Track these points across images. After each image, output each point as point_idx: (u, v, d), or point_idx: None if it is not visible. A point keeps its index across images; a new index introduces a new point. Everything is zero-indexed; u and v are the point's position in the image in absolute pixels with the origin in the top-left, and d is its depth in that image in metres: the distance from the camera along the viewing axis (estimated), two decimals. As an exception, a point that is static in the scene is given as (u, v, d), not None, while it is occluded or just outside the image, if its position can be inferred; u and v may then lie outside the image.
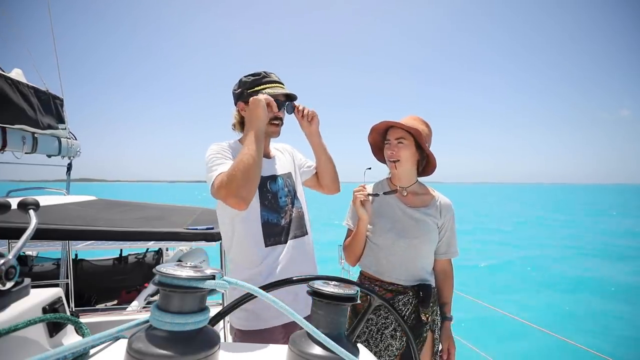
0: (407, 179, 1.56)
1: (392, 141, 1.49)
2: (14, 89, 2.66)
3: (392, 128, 1.50)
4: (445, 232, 1.54)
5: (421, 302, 1.43)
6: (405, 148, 1.46)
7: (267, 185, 1.38)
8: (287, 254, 1.37)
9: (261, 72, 1.38)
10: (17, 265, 0.63)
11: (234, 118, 1.48)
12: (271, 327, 1.31)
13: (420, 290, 1.44)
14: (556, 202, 51.69)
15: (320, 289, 0.55)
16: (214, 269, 0.47)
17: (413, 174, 1.56)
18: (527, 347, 5.85)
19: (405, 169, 1.52)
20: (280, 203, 1.39)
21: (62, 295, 0.73)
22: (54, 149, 3.28)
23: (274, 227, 1.36)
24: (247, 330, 1.30)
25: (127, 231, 1.78)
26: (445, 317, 1.54)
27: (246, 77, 1.38)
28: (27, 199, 0.85)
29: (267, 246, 1.34)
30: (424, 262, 1.51)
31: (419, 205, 1.53)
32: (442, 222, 1.53)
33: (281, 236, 1.37)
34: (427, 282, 1.49)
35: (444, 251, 1.55)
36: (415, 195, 1.56)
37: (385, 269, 1.49)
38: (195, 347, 0.43)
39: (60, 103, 3.39)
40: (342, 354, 0.48)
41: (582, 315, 7.52)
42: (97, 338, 0.51)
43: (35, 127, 2.89)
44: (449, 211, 1.55)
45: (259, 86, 1.35)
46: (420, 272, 1.50)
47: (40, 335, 0.61)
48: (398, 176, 1.56)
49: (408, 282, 1.47)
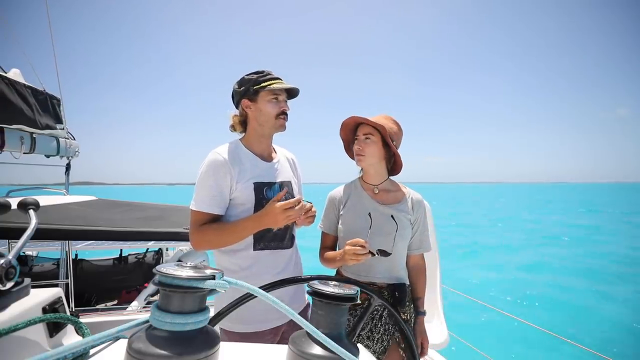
0: (377, 177, 1.57)
1: (359, 137, 1.51)
2: (11, 89, 2.66)
3: (362, 124, 1.52)
4: (418, 227, 1.55)
5: (398, 302, 1.44)
6: (372, 144, 1.48)
7: (264, 192, 1.37)
8: (277, 261, 1.38)
9: (263, 70, 1.40)
10: (17, 265, 0.63)
11: (231, 120, 1.48)
12: (260, 331, 1.32)
13: (396, 290, 1.45)
14: (546, 201, 51.77)
15: (320, 289, 0.55)
16: (214, 269, 0.47)
17: (383, 171, 1.57)
18: (527, 347, 5.85)
19: (372, 166, 1.53)
20: None
21: (62, 295, 0.73)
22: (53, 149, 3.26)
23: (265, 232, 1.36)
24: (233, 332, 1.31)
25: (127, 231, 1.78)
26: (419, 311, 1.55)
27: (249, 75, 1.39)
28: (27, 199, 0.85)
29: (255, 250, 1.34)
30: (399, 259, 1.52)
31: (391, 202, 1.53)
32: (415, 218, 1.54)
33: (271, 242, 1.38)
34: (402, 279, 1.51)
35: (417, 246, 1.57)
36: (387, 193, 1.56)
37: (363, 269, 1.48)
38: (196, 347, 0.43)
39: (57, 103, 3.37)
40: (342, 354, 0.48)
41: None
42: (97, 338, 0.51)
43: (34, 127, 2.88)
44: (420, 206, 1.56)
45: (264, 82, 1.36)
46: (397, 270, 1.51)
47: (40, 335, 0.61)
48: (368, 173, 1.57)
49: (385, 280, 1.48)
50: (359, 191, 1.58)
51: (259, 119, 1.40)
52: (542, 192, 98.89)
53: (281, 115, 1.39)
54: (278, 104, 1.38)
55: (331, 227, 1.59)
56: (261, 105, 1.38)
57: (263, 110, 1.38)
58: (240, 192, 1.33)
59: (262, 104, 1.38)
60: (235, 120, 1.47)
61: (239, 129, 1.48)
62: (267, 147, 1.48)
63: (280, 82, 1.39)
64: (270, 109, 1.37)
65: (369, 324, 1.46)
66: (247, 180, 1.34)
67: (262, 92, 1.37)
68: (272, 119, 1.38)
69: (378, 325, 1.46)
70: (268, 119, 1.38)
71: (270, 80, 1.37)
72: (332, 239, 1.60)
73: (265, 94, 1.37)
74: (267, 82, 1.37)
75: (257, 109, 1.39)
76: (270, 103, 1.37)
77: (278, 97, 1.38)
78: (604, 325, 6.93)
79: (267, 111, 1.37)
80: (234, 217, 1.34)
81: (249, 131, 1.44)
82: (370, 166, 1.54)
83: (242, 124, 1.46)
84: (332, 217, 1.59)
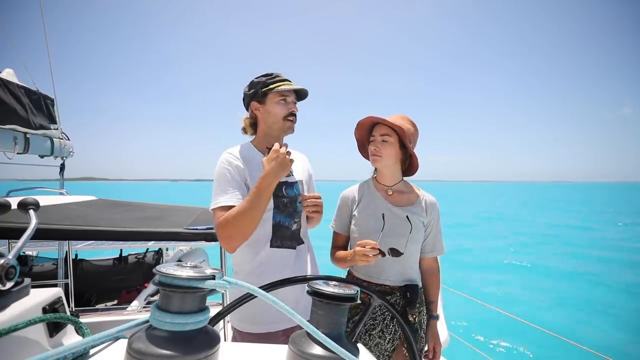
0: (392, 178, 1.55)
1: (376, 137, 1.47)
2: (4, 89, 2.65)
3: (378, 125, 1.49)
4: (431, 230, 1.53)
5: (409, 303, 1.42)
6: (389, 146, 1.45)
7: (283, 190, 1.38)
8: (292, 259, 1.38)
9: (272, 72, 1.40)
10: (17, 265, 0.63)
11: (243, 122, 1.48)
12: (273, 332, 1.31)
13: (408, 291, 1.43)
14: (547, 201, 51.78)
15: (320, 289, 0.55)
16: (214, 269, 0.47)
17: (397, 172, 1.55)
18: (527, 347, 5.85)
19: (388, 167, 1.51)
20: (297, 208, 1.41)
21: (62, 295, 0.73)
22: (47, 149, 3.24)
23: (284, 229, 1.37)
24: (247, 332, 1.30)
25: (127, 231, 1.78)
26: (432, 315, 1.53)
27: (257, 78, 1.40)
28: (27, 199, 0.85)
29: (272, 247, 1.34)
30: (412, 261, 1.50)
31: (405, 204, 1.51)
32: (428, 220, 1.52)
33: (289, 240, 1.38)
34: (414, 282, 1.49)
35: (430, 249, 1.55)
36: (400, 194, 1.54)
37: (375, 271, 1.47)
38: (196, 347, 0.43)
39: (51, 103, 3.36)
40: (342, 354, 0.48)
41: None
42: (97, 338, 0.51)
43: (27, 127, 2.87)
44: (434, 209, 1.54)
45: (272, 84, 1.36)
46: (409, 272, 1.49)
47: (40, 335, 0.61)
48: (383, 174, 1.55)
49: (397, 282, 1.47)
50: (372, 192, 1.55)
51: (267, 121, 1.40)
52: (542, 192, 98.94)
53: (289, 117, 1.39)
54: (286, 105, 1.38)
55: (343, 227, 1.57)
56: (269, 107, 1.38)
57: (271, 112, 1.38)
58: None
59: (271, 106, 1.38)
60: (246, 122, 1.47)
61: (249, 132, 1.48)
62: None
63: (289, 83, 1.39)
64: (279, 110, 1.37)
65: (381, 324, 1.45)
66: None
67: (270, 94, 1.37)
68: (280, 121, 1.38)
69: (390, 326, 1.45)
70: (276, 120, 1.38)
71: (278, 82, 1.37)
72: (344, 238, 1.59)
73: (273, 96, 1.37)
74: (275, 84, 1.36)
75: (266, 111, 1.39)
76: (278, 105, 1.37)
77: (286, 98, 1.38)
78: (604, 325, 6.94)
79: (275, 113, 1.37)
80: None
81: (259, 133, 1.44)
82: (385, 167, 1.52)
83: (253, 127, 1.46)
84: (345, 217, 1.57)
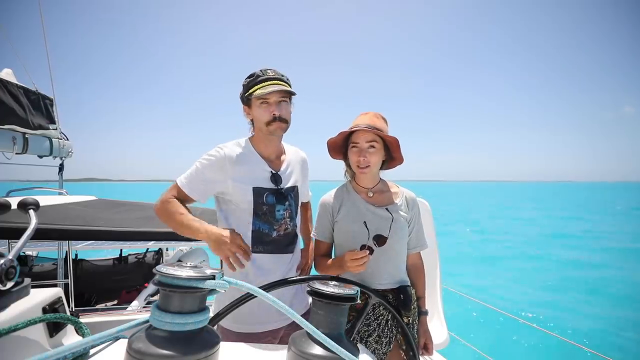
0: (372, 180, 1.52)
1: (361, 144, 1.40)
2: (2, 89, 2.65)
3: (362, 131, 1.40)
4: (414, 226, 1.52)
5: (403, 305, 1.41)
6: (377, 153, 1.40)
7: (264, 197, 1.35)
8: (276, 265, 1.37)
9: (255, 72, 1.35)
10: (17, 265, 0.63)
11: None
12: (257, 332, 1.32)
13: (401, 294, 1.42)
14: (548, 200, 51.77)
15: (320, 289, 0.55)
16: (214, 269, 0.47)
17: (377, 173, 1.53)
18: (527, 347, 5.85)
19: (373, 172, 1.48)
20: (276, 216, 1.37)
21: (62, 295, 0.73)
22: (45, 149, 3.23)
23: (264, 236, 1.35)
24: (231, 330, 1.30)
25: (127, 231, 1.78)
26: (421, 311, 1.52)
27: (245, 80, 1.37)
28: (27, 199, 0.85)
29: (254, 252, 1.32)
30: (401, 260, 1.49)
31: (386, 203, 1.48)
32: (410, 216, 1.50)
33: (270, 246, 1.36)
34: (405, 283, 1.48)
35: (414, 245, 1.53)
36: (381, 194, 1.52)
37: (366, 275, 1.43)
38: (196, 347, 0.43)
39: (50, 103, 3.35)
40: (342, 354, 0.48)
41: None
42: (97, 338, 0.51)
43: (26, 127, 2.86)
44: (414, 204, 1.53)
45: (252, 88, 1.33)
46: (399, 272, 1.48)
47: (40, 335, 0.61)
48: (364, 178, 1.50)
49: (390, 285, 1.45)
50: (352, 196, 1.51)
51: (256, 125, 1.39)
52: (543, 191, 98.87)
53: (272, 122, 1.33)
54: (268, 109, 1.32)
55: (325, 234, 1.53)
56: (254, 112, 1.36)
57: (256, 116, 1.36)
58: (236, 193, 1.32)
59: (255, 110, 1.35)
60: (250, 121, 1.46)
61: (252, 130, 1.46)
62: (275, 148, 1.44)
63: (267, 85, 1.31)
64: (260, 115, 1.33)
65: (377, 330, 1.43)
66: (246, 183, 1.32)
67: (252, 99, 1.34)
68: (264, 126, 1.34)
69: (385, 330, 1.44)
70: (260, 125, 1.35)
71: (259, 84, 1.32)
72: (327, 245, 1.55)
73: (254, 101, 1.33)
74: (256, 86, 1.32)
75: (253, 115, 1.37)
76: (259, 109, 1.33)
77: (267, 100, 1.32)
78: (604, 325, 6.93)
79: (258, 118, 1.35)
80: (230, 214, 1.35)
81: (256, 132, 1.42)
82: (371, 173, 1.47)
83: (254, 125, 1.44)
84: (327, 224, 1.53)
